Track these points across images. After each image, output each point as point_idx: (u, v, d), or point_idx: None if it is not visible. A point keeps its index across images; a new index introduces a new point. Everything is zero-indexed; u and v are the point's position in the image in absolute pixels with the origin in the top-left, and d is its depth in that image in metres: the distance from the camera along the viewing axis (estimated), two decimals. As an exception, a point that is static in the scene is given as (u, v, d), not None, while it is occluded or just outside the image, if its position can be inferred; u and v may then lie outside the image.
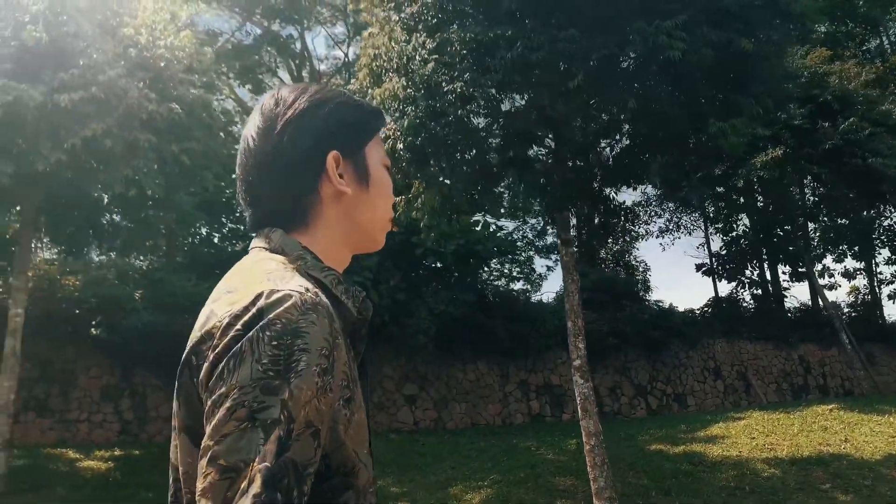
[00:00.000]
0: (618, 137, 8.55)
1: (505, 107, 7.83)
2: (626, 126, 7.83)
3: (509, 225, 19.77)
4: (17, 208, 10.86)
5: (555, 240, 19.99)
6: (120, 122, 9.38)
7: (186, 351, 0.92)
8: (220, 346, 0.85)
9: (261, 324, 0.84)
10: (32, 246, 12.58)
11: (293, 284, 0.90)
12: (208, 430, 0.81)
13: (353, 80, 9.27)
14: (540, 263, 21.62)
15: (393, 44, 7.92)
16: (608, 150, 8.42)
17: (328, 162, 1.06)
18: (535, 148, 8.43)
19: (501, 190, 8.48)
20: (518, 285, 17.71)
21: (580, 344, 8.54)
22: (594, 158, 8.64)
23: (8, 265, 11.00)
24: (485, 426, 15.54)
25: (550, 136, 8.32)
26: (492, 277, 16.63)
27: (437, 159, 8.07)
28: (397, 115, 7.82)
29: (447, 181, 8.19)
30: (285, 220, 1.07)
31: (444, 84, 7.55)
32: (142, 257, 16.87)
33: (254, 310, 0.86)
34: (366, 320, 1.06)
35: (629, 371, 17.35)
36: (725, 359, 18.60)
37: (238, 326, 0.85)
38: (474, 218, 14.99)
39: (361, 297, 1.05)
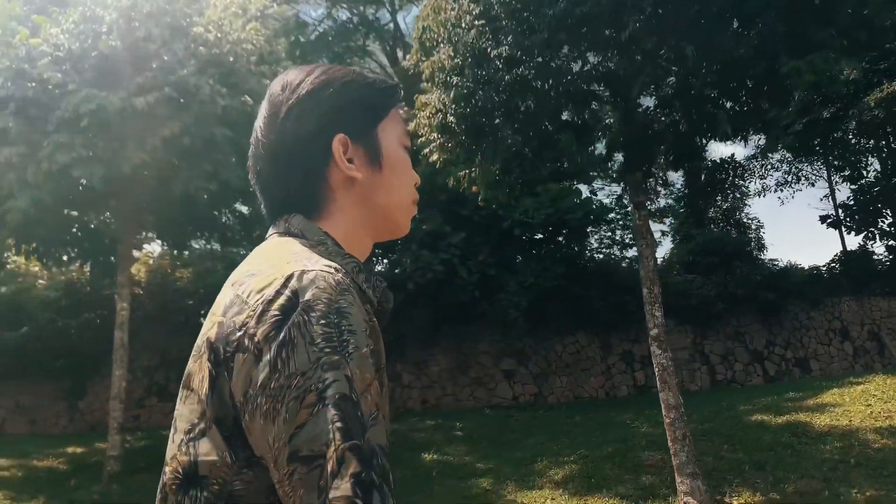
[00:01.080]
0: (679, 88, 7.90)
1: (556, 67, 7.41)
2: (689, 76, 7.19)
3: (605, 191, 19.06)
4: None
5: (654, 204, 19.09)
6: (196, 120, 9.78)
7: (209, 338, 0.85)
8: (259, 335, 0.79)
9: (301, 306, 0.80)
10: (139, 241, 13.47)
11: (321, 265, 0.86)
12: (276, 429, 0.76)
13: (407, 56, 9.14)
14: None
15: (441, 14, 7.71)
16: (671, 103, 7.78)
17: (334, 146, 1.02)
18: (594, 106, 7.95)
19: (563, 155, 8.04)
20: (614, 252, 17.01)
21: (657, 312, 8.06)
22: (654, 115, 8.05)
23: (115, 262, 11.78)
24: (587, 400, 15.16)
25: (607, 93, 7.83)
26: (585, 246, 16.08)
27: (490, 130, 7.81)
28: (443, 86, 7.63)
29: (509, 146, 7.89)
30: (300, 207, 1.03)
31: (489, 49, 7.28)
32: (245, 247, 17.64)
33: (287, 292, 0.81)
34: (386, 312, 1.02)
35: (743, 336, 16.31)
36: (854, 318, 17.08)
37: (274, 311, 0.80)
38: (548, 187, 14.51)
39: (382, 288, 1.01)
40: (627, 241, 17.06)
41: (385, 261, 15.36)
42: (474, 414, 13.55)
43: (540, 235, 14.13)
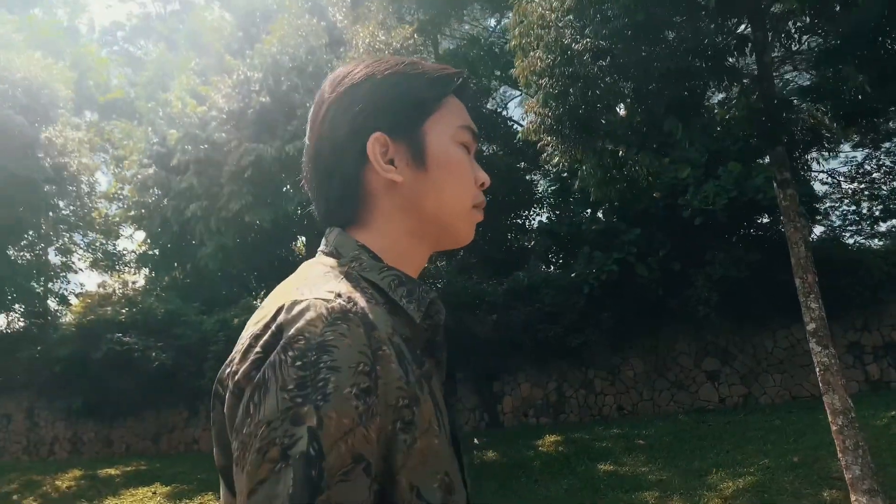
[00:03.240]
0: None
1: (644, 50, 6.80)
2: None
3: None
4: (303, 239, 12.83)
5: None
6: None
7: (217, 377, 0.84)
8: (241, 375, 0.76)
9: (281, 343, 0.75)
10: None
11: (321, 291, 0.81)
12: (243, 480, 0.71)
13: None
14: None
15: (526, 18, 7.55)
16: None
17: (368, 146, 0.94)
18: (697, 81, 7.15)
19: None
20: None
21: (813, 304, 7.00)
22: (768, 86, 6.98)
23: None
24: (807, 399, 13.43)
25: (706, 67, 6.98)
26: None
27: (590, 128, 7.41)
28: (536, 89, 7.42)
29: (608, 147, 7.43)
30: (342, 217, 0.98)
31: (573, 44, 6.96)
32: (436, 263, 18.41)
33: (273, 327, 0.77)
34: (438, 325, 0.95)
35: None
36: None
37: (258, 349, 0.76)
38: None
39: (429, 300, 0.92)
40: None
41: (551, 267, 15.10)
42: (667, 420, 12.73)
43: (726, 221, 12.85)
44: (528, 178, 17.75)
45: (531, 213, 18.00)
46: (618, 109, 7.38)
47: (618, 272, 12.98)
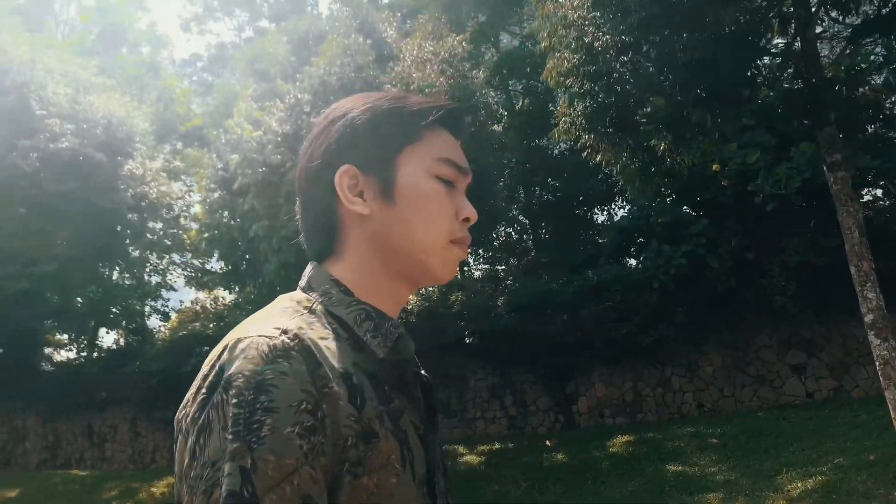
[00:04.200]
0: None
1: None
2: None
3: None
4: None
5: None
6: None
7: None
8: (189, 417, 0.76)
9: (221, 383, 0.75)
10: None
11: (267, 328, 0.81)
12: None
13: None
14: None
15: (548, 21, 7.49)
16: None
17: (336, 178, 0.94)
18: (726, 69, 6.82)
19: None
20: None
21: (870, 294, 6.59)
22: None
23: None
24: (905, 390, 12.53)
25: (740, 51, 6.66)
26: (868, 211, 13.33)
27: (623, 122, 7.25)
28: (563, 90, 7.34)
29: (641, 142, 7.24)
30: (318, 249, 0.99)
31: (595, 42, 6.84)
32: (506, 263, 18.37)
33: (218, 366, 0.77)
34: (407, 361, 0.93)
35: None
36: None
37: (203, 389, 0.76)
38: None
39: (396, 335, 0.91)
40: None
41: (623, 263, 14.73)
42: (745, 418, 12.20)
43: (801, 205, 12.15)
44: (599, 176, 17.45)
45: (602, 209, 17.68)
46: (649, 103, 7.18)
47: (687, 265, 12.55)
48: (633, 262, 14.39)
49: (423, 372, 0.99)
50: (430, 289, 17.50)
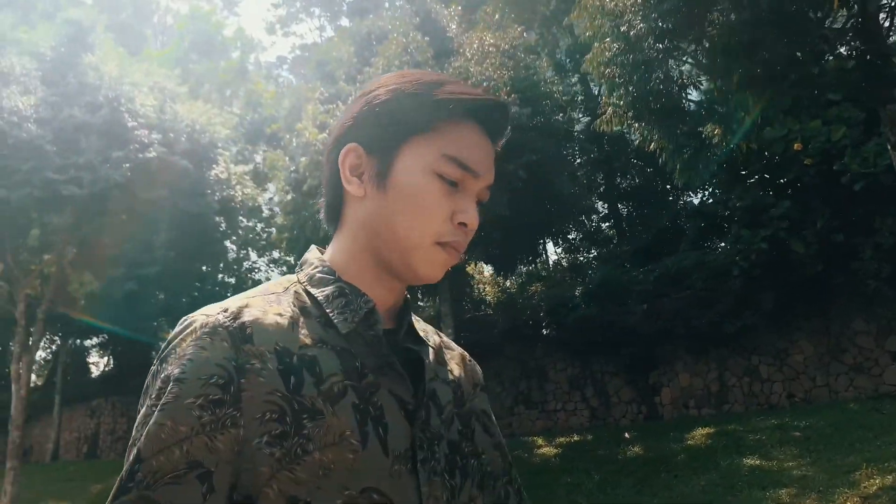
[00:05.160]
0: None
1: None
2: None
3: None
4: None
5: None
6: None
7: None
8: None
9: (160, 355, 0.84)
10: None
11: (214, 307, 0.87)
12: None
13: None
14: None
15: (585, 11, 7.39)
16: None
17: (341, 154, 0.96)
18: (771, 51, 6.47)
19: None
20: None
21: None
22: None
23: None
24: None
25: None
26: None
27: (667, 108, 7.06)
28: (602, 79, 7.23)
29: (683, 128, 7.02)
30: (330, 225, 1.03)
31: (631, 31, 6.71)
32: (588, 252, 18.08)
33: (167, 340, 0.85)
34: (379, 337, 0.91)
35: None
36: None
37: (155, 360, 0.85)
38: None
39: (364, 312, 0.91)
40: None
41: (704, 249, 14.20)
42: (835, 409, 11.55)
43: (892, 183, 11.28)
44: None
45: (684, 194, 17.11)
46: (692, 89, 6.97)
47: (770, 250, 11.98)
48: (708, 248, 13.84)
49: (414, 346, 0.97)
50: (508, 280, 17.54)
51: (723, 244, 12.66)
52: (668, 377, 14.27)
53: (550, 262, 18.14)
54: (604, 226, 17.97)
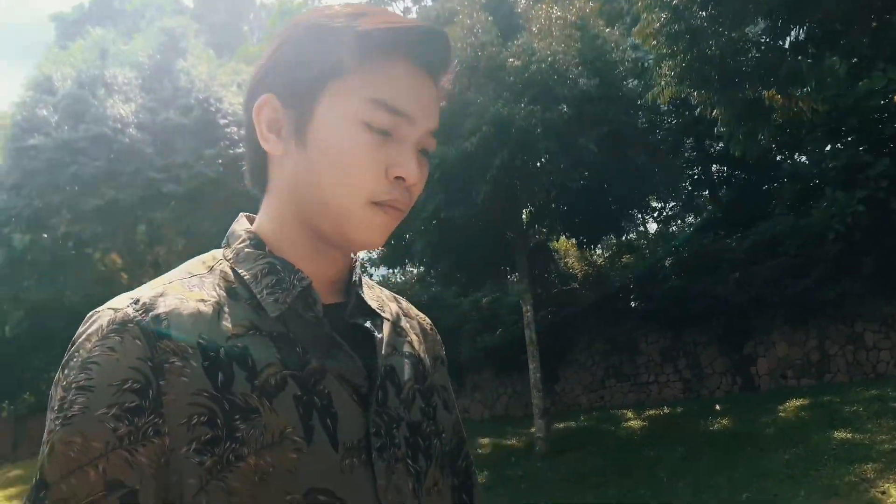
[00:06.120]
0: None
1: None
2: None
3: None
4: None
5: None
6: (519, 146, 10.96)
7: None
8: None
9: (63, 362, 0.71)
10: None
11: (123, 298, 0.75)
12: None
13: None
14: None
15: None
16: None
17: (254, 108, 0.81)
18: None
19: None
20: None
21: None
22: None
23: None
24: None
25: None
26: None
27: (724, 73, 6.83)
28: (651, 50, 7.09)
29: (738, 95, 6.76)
30: (256, 191, 0.90)
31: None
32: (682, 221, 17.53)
33: (72, 341, 0.73)
34: (319, 317, 0.79)
35: None
36: None
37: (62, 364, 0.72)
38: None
39: (299, 290, 0.79)
40: None
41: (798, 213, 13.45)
42: None
43: None
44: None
45: (782, 155, 16.24)
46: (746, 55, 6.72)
47: (868, 212, 11.28)
48: (803, 212, 13.13)
49: (365, 323, 0.86)
50: (596, 252, 17.33)
51: (814, 207, 11.99)
52: (765, 347, 13.77)
53: (639, 234, 17.74)
54: (696, 193, 17.37)
